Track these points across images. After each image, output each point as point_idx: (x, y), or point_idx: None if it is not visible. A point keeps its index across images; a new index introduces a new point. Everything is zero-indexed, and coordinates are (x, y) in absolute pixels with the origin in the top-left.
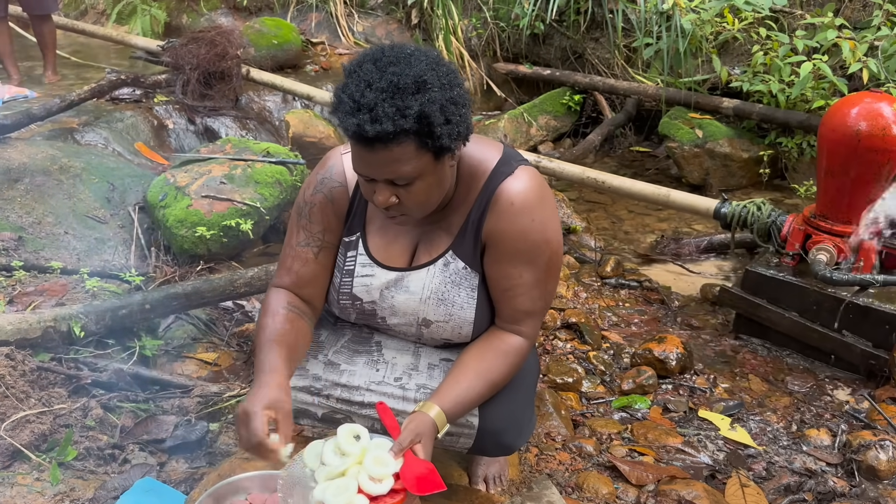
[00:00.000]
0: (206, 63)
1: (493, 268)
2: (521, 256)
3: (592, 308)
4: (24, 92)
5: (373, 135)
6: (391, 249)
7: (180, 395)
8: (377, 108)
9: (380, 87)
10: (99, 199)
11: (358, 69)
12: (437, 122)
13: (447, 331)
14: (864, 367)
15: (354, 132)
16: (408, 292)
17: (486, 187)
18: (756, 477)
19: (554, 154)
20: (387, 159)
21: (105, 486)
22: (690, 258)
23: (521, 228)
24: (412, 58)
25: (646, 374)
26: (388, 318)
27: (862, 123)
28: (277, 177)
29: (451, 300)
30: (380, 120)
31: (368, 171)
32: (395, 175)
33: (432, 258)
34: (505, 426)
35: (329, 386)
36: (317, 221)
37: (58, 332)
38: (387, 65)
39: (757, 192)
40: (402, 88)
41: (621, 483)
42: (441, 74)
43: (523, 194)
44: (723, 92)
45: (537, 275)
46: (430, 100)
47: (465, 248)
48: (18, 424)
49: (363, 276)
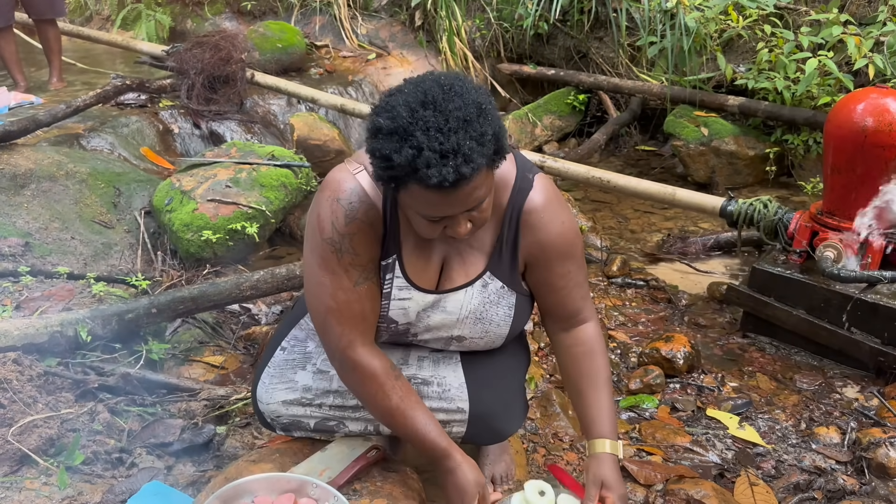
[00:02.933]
0: (210, 67)
1: (545, 277)
2: (565, 255)
3: (599, 307)
4: (30, 98)
5: (469, 174)
6: (425, 269)
7: (187, 399)
8: (462, 147)
9: (453, 128)
10: (105, 204)
11: (413, 119)
12: (503, 135)
13: (479, 345)
14: (873, 365)
15: (454, 180)
16: (445, 312)
17: (511, 205)
18: (765, 475)
19: (559, 154)
20: (469, 192)
21: (113, 489)
22: (697, 257)
23: (557, 233)
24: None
25: (653, 373)
26: (421, 335)
27: (868, 119)
28: (283, 180)
29: (489, 319)
30: (471, 159)
31: (450, 210)
32: (475, 204)
33: (470, 279)
34: (496, 410)
35: (320, 395)
36: (363, 252)
37: (64, 336)
38: (441, 102)
39: (763, 189)
40: (470, 121)
41: (630, 483)
42: (480, 91)
43: (549, 204)
44: (728, 90)
45: (579, 264)
46: (492, 119)
47: (503, 269)
48: (26, 429)
49: (400, 300)
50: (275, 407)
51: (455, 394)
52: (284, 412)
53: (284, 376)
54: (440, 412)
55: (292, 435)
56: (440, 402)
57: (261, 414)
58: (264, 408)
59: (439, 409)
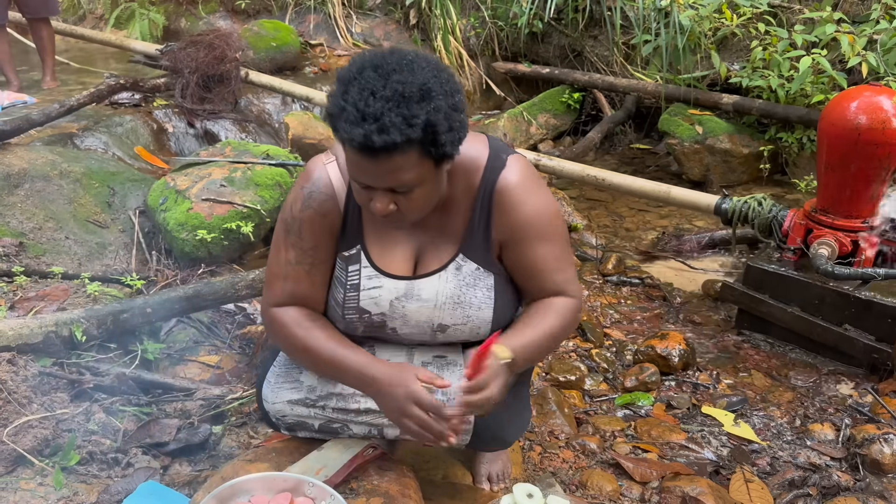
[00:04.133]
0: (204, 66)
1: (520, 258)
2: (540, 236)
3: (594, 306)
4: (24, 97)
5: (380, 145)
6: (394, 257)
7: (183, 399)
8: (384, 117)
9: (385, 96)
10: (99, 203)
11: (358, 76)
12: (442, 129)
13: (465, 332)
14: (867, 361)
15: (361, 143)
16: (420, 300)
17: (483, 186)
18: (760, 472)
19: (554, 152)
20: (389, 168)
21: (108, 490)
22: (692, 254)
23: (530, 213)
24: (414, 65)
25: (648, 371)
26: (400, 329)
27: (862, 117)
28: (278, 179)
29: (468, 302)
30: (387, 130)
31: (368, 179)
32: (396, 183)
33: (442, 263)
34: (501, 419)
35: (324, 396)
36: (307, 238)
37: (59, 336)
38: (390, 72)
39: (758, 187)
40: (407, 97)
41: (625, 480)
42: (443, 81)
43: (522, 182)
44: (722, 88)
45: (559, 245)
46: (435, 108)
47: (476, 250)
48: (21, 430)
49: (371, 289)
50: (280, 406)
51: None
52: (290, 412)
53: (290, 375)
54: None
55: (297, 435)
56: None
57: (265, 413)
58: (269, 407)
59: None
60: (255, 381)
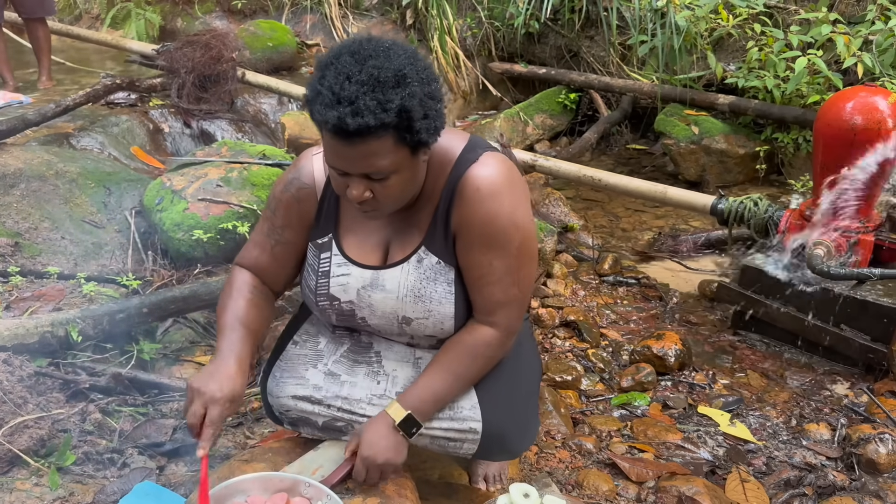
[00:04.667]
0: (201, 66)
1: (464, 257)
2: (491, 243)
3: (591, 306)
4: (20, 97)
5: (353, 128)
6: (364, 247)
7: (179, 399)
8: (358, 101)
9: (360, 80)
10: (95, 203)
11: (335, 61)
12: (417, 116)
13: (428, 327)
14: (863, 361)
15: (334, 125)
16: (384, 291)
17: (451, 176)
18: (756, 472)
19: (550, 153)
20: (364, 153)
21: (104, 490)
22: (688, 255)
23: (488, 214)
24: (391, 51)
25: (645, 371)
26: (369, 319)
27: (857, 117)
28: (274, 179)
29: (429, 296)
30: (361, 113)
31: (344, 165)
32: (371, 169)
33: (406, 255)
34: (508, 430)
35: (330, 397)
36: (280, 217)
37: (55, 336)
38: (366, 57)
39: (754, 187)
40: (382, 82)
41: (621, 480)
42: (419, 69)
43: (489, 179)
44: (718, 88)
45: (508, 262)
46: (410, 94)
47: (437, 242)
48: (16, 430)
49: (339, 276)
50: (284, 401)
51: (467, 414)
52: (294, 406)
53: (296, 371)
54: (450, 431)
55: (300, 431)
56: (451, 421)
57: (269, 407)
58: (273, 401)
59: (449, 428)
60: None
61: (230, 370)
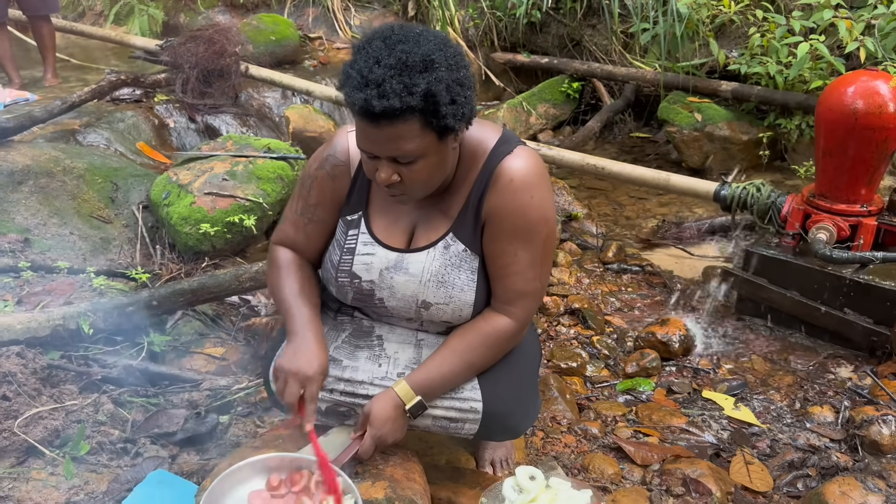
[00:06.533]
0: (204, 61)
1: (491, 245)
2: (519, 234)
3: (595, 293)
4: (26, 95)
5: (379, 110)
6: (392, 230)
7: (189, 389)
8: (385, 84)
9: (388, 64)
10: (103, 199)
11: (367, 46)
12: (443, 101)
13: (447, 313)
14: (866, 344)
15: (361, 107)
16: (407, 274)
17: (485, 167)
18: (760, 454)
19: (554, 142)
20: (390, 136)
21: (118, 478)
22: (692, 241)
23: (520, 205)
24: (421, 37)
25: (649, 356)
26: (387, 300)
27: (859, 102)
28: (279, 172)
29: (452, 283)
30: (387, 96)
31: (372, 147)
32: (398, 153)
33: (432, 241)
34: (509, 409)
35: (332, 381)
36: (313, 195)
37: (67, 330)
38: (396, 42)
39: (757, 173)
40: (410, 66)
41: (626, 463)
42: (448, 55)
43: (523, 171)
44: (721, 75)
45: (533, 254)
46: (437, 79)
47: (466, 230)
48: (31, 421)
49: (364, 255)
50: None
51: (468, 394)
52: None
53: None
54: (451, 410)
55: None
56: (452, 401)
57: (273, 394)
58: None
59: (451, 407)
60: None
61: (312, 346)
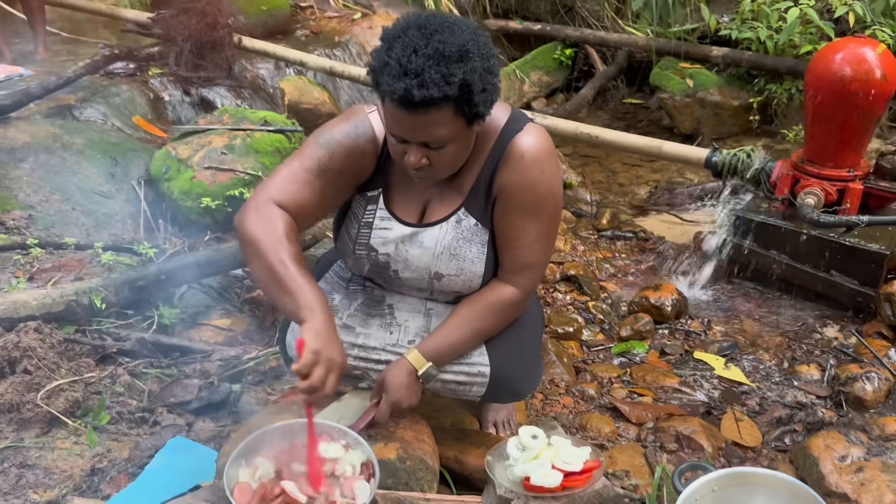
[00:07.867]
0: (197, 33)
1: (502, 219)
2: (529, 208)
3: (590, 260)
4: (19, 70)
5: (419, 99)
6: (407, 205)
7: (201, 360)
8: (424, 73)
9: (426, 54)
10: (103, 174)
11: (403, 35)
12: (477, 89)
13: (458, 284)
14: (852, 305)
15: (401, 96)
16: (422, 247)
17: (497, 144)
18: (750, 412)
19: (548, 110)
20: (424, 123)
21: (139, 446)
22: (684, 207)
23: (530, 180)
24: (455, 27)
25: (643, 320)
26: (402, 272)
27: (846, 68)
28: (277, 145)
29: (463, 255)
30: (427, 85)
31: (405, 133)
32: (430, 139)
33: (445, 215)
34: (515, 373)
35: (347, 347)
36: (337, 161)
37: (80, 305)
38: (432, 32)
39: (748, 139)
40: (447, 56)
41: (622, 422)
42: (481, 44)
43: (534, 147)
44: (712, 40)
45: (541, 227)
46: (472, 69)
47: (477, 205)
48: (53, 393)
49: (381, 229)
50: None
51: (476, 359)
52: None
53: None
54: (460, 374)
55: None
56: (461, 365)
57: (289, 360)
58: (293, 353)
59: (459, 371)
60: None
61: (335, 334)
